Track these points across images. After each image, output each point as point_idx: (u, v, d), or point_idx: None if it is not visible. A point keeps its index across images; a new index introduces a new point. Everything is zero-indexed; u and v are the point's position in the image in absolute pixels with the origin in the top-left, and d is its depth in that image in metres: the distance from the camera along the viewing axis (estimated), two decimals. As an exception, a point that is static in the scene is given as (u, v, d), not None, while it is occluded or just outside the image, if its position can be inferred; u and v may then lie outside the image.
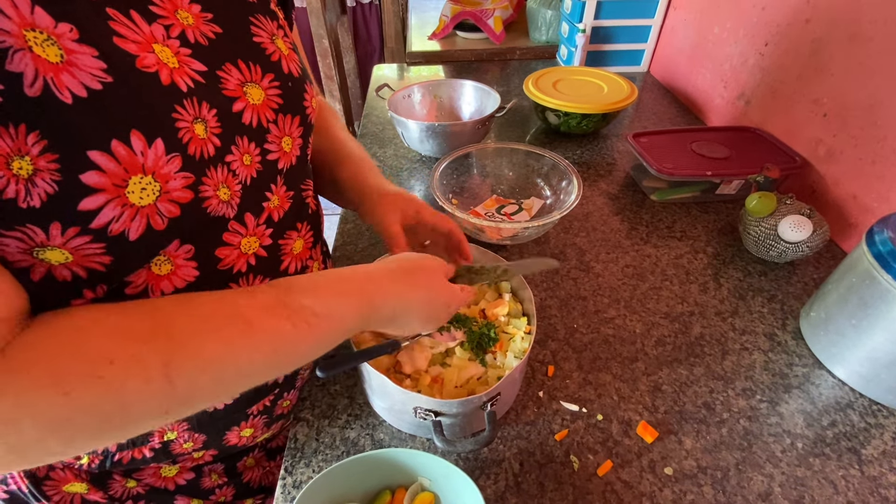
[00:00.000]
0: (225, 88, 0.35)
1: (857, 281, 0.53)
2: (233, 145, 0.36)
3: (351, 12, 2.21)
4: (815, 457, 0.49)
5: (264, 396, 0.50)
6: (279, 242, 0.44)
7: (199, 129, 0.32)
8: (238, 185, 0.37)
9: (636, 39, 1.26)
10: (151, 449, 0.47)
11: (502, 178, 0.85)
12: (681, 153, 0.83)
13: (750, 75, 0.94)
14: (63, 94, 0.25)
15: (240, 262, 0.40)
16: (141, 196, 0.29)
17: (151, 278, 0.34)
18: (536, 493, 0.47)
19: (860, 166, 0.71)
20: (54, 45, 0.25)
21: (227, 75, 0.36)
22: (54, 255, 0.28)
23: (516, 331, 0.53)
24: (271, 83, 0.40)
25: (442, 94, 1.02)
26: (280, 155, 0.42)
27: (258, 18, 0.40)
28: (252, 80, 0.38)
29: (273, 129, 0.40)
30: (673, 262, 0.72)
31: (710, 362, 0.58)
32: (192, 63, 0.33)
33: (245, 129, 0.37)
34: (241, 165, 0.37)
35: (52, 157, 0.25)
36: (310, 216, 0.49)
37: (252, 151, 0.38)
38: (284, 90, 0.41)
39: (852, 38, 0.71)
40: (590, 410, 0.53)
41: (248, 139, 0.38)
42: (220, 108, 0.34)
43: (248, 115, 0.37)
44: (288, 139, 0.42)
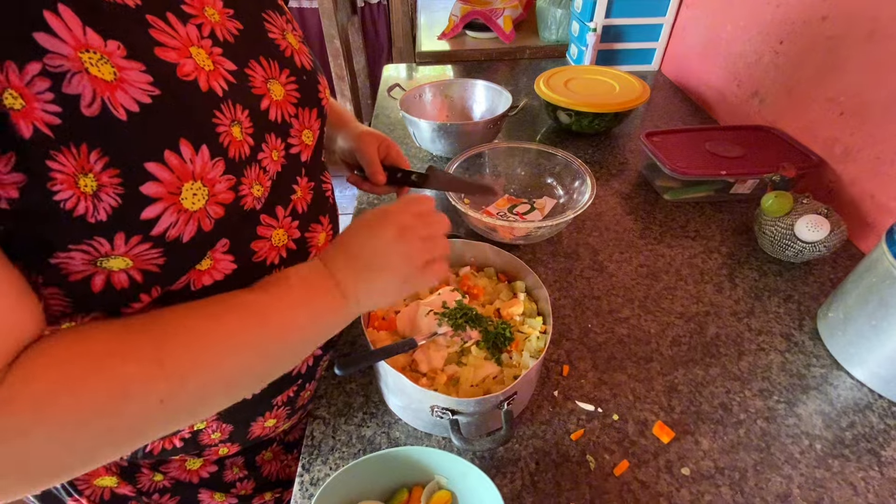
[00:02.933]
0: (253, 87, 0.36)
1: (877, 281, 0.52)
2: (263, 143, 0.37)
3: (360, 12, 2.22)
4: (834, 458, 0.49)
5: (288, 387, 0.50)
6: (306, 236, 0.45)
7: (236, 131, 0.33)
8: (269, 181, 0.38)
9: (647, 38, 1.26)
10: (181, 439, 0.47)
11: (514, 178, 0.85)
12: (694, 152, 0.83)
13: (764, 73, 0.93)
14: (118, 111, 0.26)
15: (272, 254, 0.41)
16: (193, 201, 0.30)
17: (194, 274, 0.35)
18: (553, 492, 0.47)
19: (878, 165, 0.70)
20: (107, 63, 0.26)
21: (253, 73, 0.36)
22: (116, 263, 0.29)
23: (532, 330, 0.53)
24: (288, 78, 0.40)
25: (453, 93, 1.02)
26: (301, 148, 0.43)
27: (269, 14, 0.40)
28: (273, 77, 0.38)
29: (295, 123, 0.41)
30: (687, 262, 0.72)
31: (727, 362, 0.58)
32: (224, 63, 0.34)
33: (272, 125, 0.38)
34: (271, 161, 0.38)
35: (113, 171, 0.26)
36: (329, 209, 0.50)
37: (279, 147, 0.39)
38: (301, 84, 0.41)
39: (870, 36, 0.70)
40: (605, 410, 0.53)
41: (276, 135, 0.39)
42: (251, 108, 0.35)
43: (273, 112, 0.38)
44: (308, 132, 0.43)
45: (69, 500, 0.48)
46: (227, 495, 0.56)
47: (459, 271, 0.61)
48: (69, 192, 0.25)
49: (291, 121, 0.40)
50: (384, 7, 2.21)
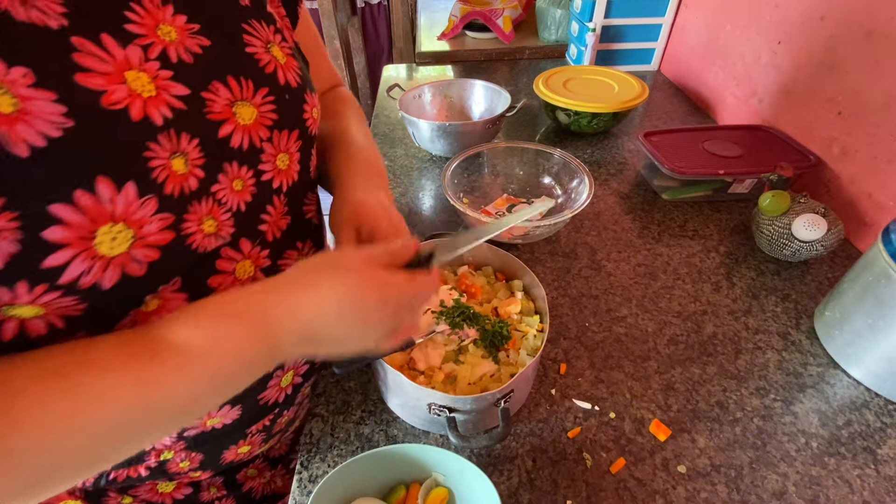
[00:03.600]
0: (210, 112, 0.32)
1: (873, 280, 0.52)
2: (220, 174, 0.33)
3: (360, 12, 2.22)
4: (830, 456, 0.49)
5: (264, 416, 0.48)
6: (278, 263, 0.42)
7: (178, 164, 0.30)
8: (227, 214, 0.34)
9: (647, 38, 1.26)
10: (147, 468, 0.45)
11: (513, 178, 0.86)
12: (693, 152, 0.83)
13: (763, 73, 0.93)
14: (18, 147, 0.23)
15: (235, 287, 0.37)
16: (111, 246, 0.27)
17: (140, 315, 0.32)
18: (550, 489, 0.47)
19: (875, 165, 0.70)
20: (6, 93, 0.23)
21: (213, 96, 0.33)
22: (25, 311, 0.26)
23: (529, 329, 0.54)
24: (265, 98, 0.36)
25: (452, 93, 1.03)
26: (275, 174, 0.39)
27: (252, 25, 0.36)
28: (243, 98, 0.35)
29: (268, 147, 0.37)
30: (685, 261, 0.72)
31: (724, 361, 0.58)
32: (172, 87, 0.30)
33: (234, 153, 0.34)
34: (231, 192, 0.34)
35: (11, 215, 0.23)
36: (312, 232, 0.47)
37: (244, 175, 0.35)
38: (280, 104, 0.37)
39: (868, 36, 0.70)
40: (602, 408, 0.53)
41: (239, 163, 0.35)
42: (203, 137, 0.32)
43: (237, 138, 0.34)
44: (284, 156, 0.39)
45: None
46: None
47: (457, 270, 0.61)
48: None
49: (263, 145, 0.37)
50: (384, 7, 2.21)
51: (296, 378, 0.49)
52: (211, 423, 0.44)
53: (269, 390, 0.46)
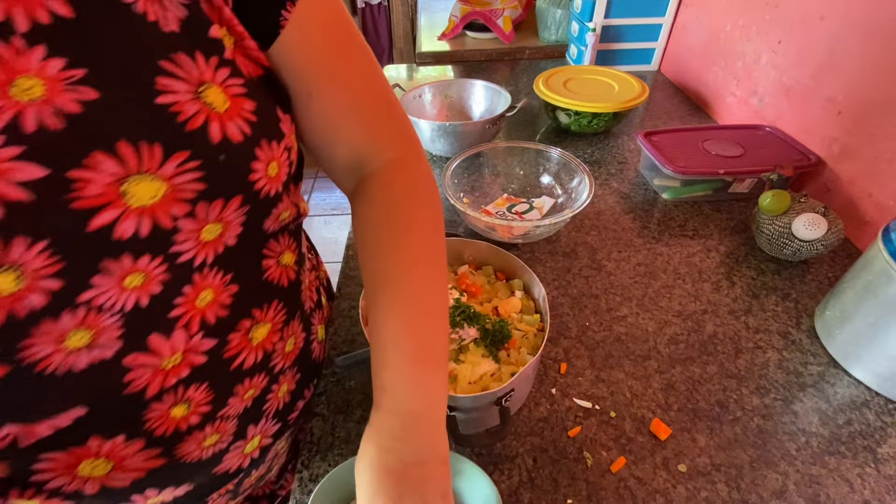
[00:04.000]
0: (80, 198, 0.24)
1: (873, 279, 0.52)
2: (93, 276, 0.26)
3: (360, 13, 2.23)
4: (830, 455, 0.49)
5: (226, 483, 0.43)
6: (227, 338, 0.36)
7: (3, 282, 0.23)
8: (113, 318, 0.28)
9: (647, 38, 1.26)
10: None
11: (513, 177, 0.86)
12: (693, 152, 0.83)
13: (763, 73, 0.93)
14: None
15: (155, 381, 0.32)
16: None
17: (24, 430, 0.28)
18: (550, 488, 0.47)
19: (876, 164, 0.70)
20: None
21: (89, 174, 0.24)
22: None
23: (529, 328, 0.54)
24: (182, 166, 0.27)
25: (452, 93, 1.03)
26: (198, 249, 0.30)
27: (176, 61, 0.26)
28: (142, 171, 0.26)
29: (187, 224, 0.29)
30: (685, 261, 0.72)
31: (724, 360, 0.58)
32: (17, 171, 0.22)
33: (121, 245, 0.26)
34: (118, 292, 0.27)
35: None
36: (284, 290, 0.40)
37: (144, 268, 0.28)
38: (211, 170, 0.28)
39: (868, 36, 0.70)
40: (603, 407, 0.53)
41: (134, 256, 0.27)
42: (60, 233, 0.24)
43: (126, 227, 0.26)
44: (214, 226, 0.30)
45: None
46: None
47: (458, 269, 0.61)
48: None
49: (179, 223, 0.28)
50: (385, 8, 2.22)
51: (264, 440, 0.45)
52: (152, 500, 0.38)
53: (227, 462, 0.41)
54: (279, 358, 0.43)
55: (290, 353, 0.45)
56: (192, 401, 0.36)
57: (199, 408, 0.37)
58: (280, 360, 0.44)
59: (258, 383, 0.42)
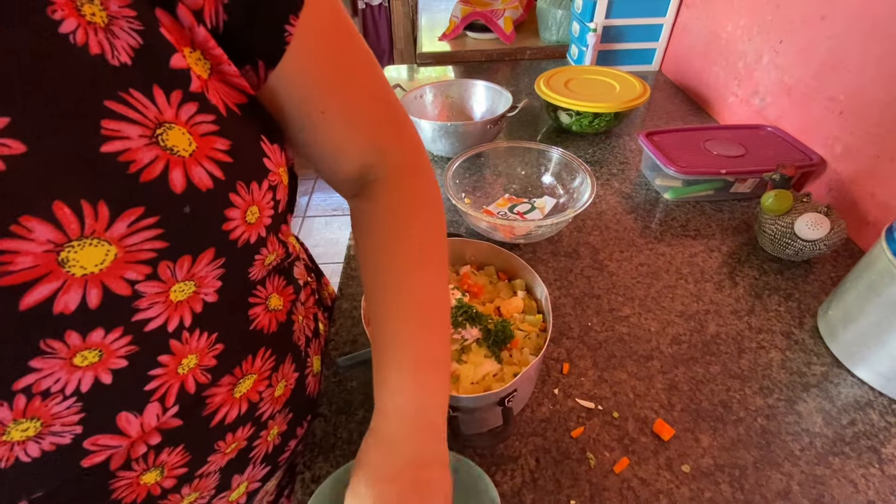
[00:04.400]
0: (8, 272, 0.20)
1: (876, 279, 0.52)
2: (31, 359, 0.23)
3: (361, 14, 2.23)
4: (834, 455, 0.49)
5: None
6: (203, 395, 0.33)
7: None
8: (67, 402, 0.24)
9: (648, 38, 1.26)
10: None
11: (515, 177, 0.86)
12: (694, 152, 0.83)
13: (764, 73, 0.93)
14: None
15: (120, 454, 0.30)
16: None
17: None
18: (553, 489, 0.47)
19: (878, 164, 0.70)
20: None
21: (17, 244, 0.20)
22: None
23: (531, 328, 0.54)
24: (138, 223, 0.23)
25: (453, 94, 1.03)
26: (170, 313, 0.27)
27: (126, 100, 0.22)
28: (85, 235, 0.22)
29: (147, 287, 0.25)
30: (687, 261, 0.72)
31: (727, 361, 0.58)
32: None
33: (65, 321, 0.23)
34: (69, 372, 0.24)
35: None
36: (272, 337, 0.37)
37: (100, 343, 0.25)
38: (173, 225, 0.24)
39: (869, 35, 0.70)
40: (605, 408, 0.53)
41: (82, 332, 0.24)
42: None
43: (67, 300, 0.22)
44: (186, 285, 0.27)
45: None
46: None
47: (460, 270, 0.61)
48: None
49: (139, 288, 0.25)
50: (385, 9, 2.22)
51: (251, 485, 0.42)
52: None
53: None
54: (267, 405, 0.40)
55: (281, 397, 0.42)
56: (166, 464, 0.33)
57: (173, 471, 0.33)
58: (268, 406, 0.40)
59: (243, 435, 0.38)
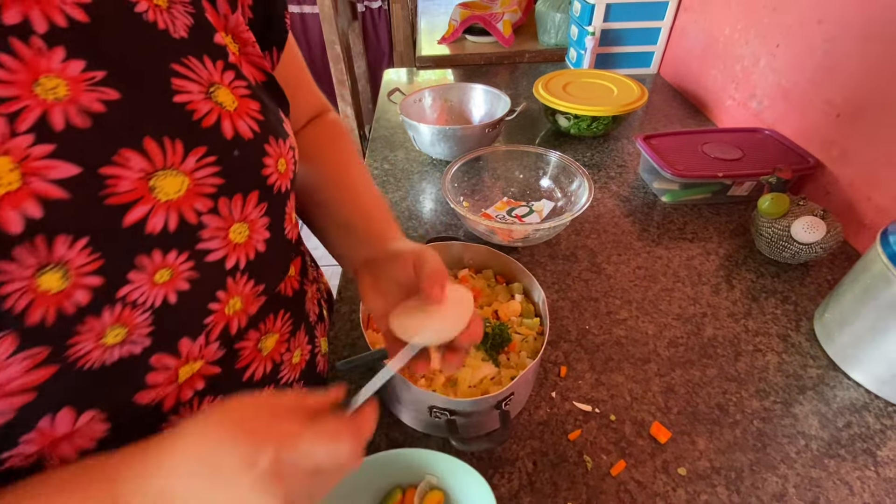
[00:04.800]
0: (113, 193, 0.25)
1: (871, 282, 0.53)
2: (132, 271, 0.26)
3: (361, 17, 2.23)
4: (830, 458, 0.49)
5: None
6: (234, 348, 0.36)
7: (51, 280, 0.23)
8: (145, 315, 0.28)
9: (646, 41, 1.26)
10: None
11: (513, 181, 0.86)
12: (692, 155, 0.83)
13: (761, 76, 0.94)
14: None
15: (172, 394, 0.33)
16: None
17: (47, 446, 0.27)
18: (550, 492, 0.47)
19: (874, 168, 0.70)
20: None
21: (119, 170, 0.25)
22: None
23: (529, 331, 0.54)
24: (202, 161, 0.28)
25: (452, 97, 1.03)
26: (228, 251, 0.31)
27: (187, 64, 0.28)
28: (167, 166, 0.27)
29: (211, 220, 0.30)
30: (685, 264, 0.72)
31: (723, 363, 0.58)
32: (51, 169, 0.23)
33: (153, 240, 0.27)
34: (151, 287, 0.28)
35: None
36: (289, 300, 0.41)
37: (172, 263, 0.28)
38: (227, 164, 0.30)
39: (865, 39, 0.70)
40: (602, 411, 0.54)
41: (163, 251, 0.28)
42: (99, 231, 0.25)
43: (156, 221, 0.27)
44: (241, 226, 0.32)
45: None
46: None
47: (458, 273, 0.62)
48: None
49: (203, 219, 0.29)
50: (385, 12, 2.23)
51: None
52: None
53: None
54: (287, 370, 0.44)
55: (297, 365, 0.46)
56: None
57: None
58: (288, 371, 0.44)
59: None
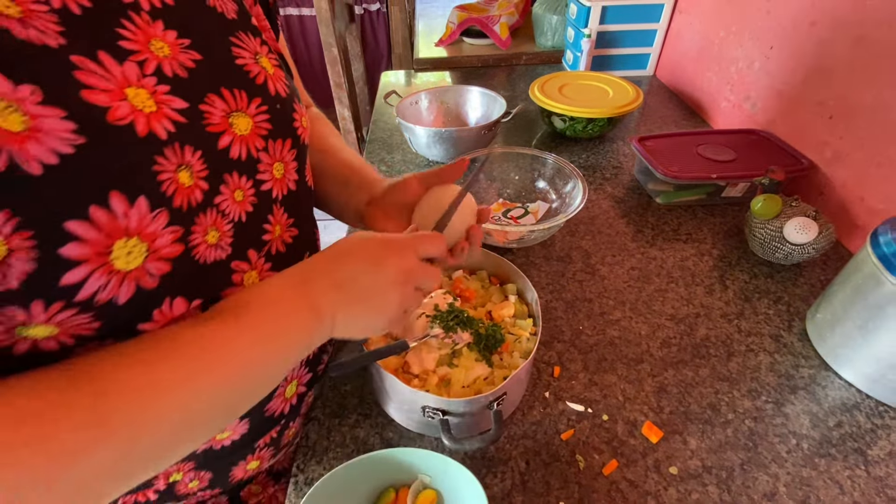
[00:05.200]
0: (209, 124, 0.33)
1: (862, 282, 0.53)
2: (222, 184, 0.34)
3: (359, 19, 2.24)
4: (820, 457, 0.50)
5: (271, 428, 0.48)
6: (279, 267, 0.41)
7: (184, 176, 0.30)
8: (229, 225, 0.35)
9: (642, 43, 1.27)
10: (156, 491, 0.45)
11: (508, 182, 0.86)
12: (686, 156, 0.84)
13: (756, 78, 0.94)
14: (30, 166, 0.23)
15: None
16: (127, 260, 0.27)
17: (149, 327, 0.31)
18: (542, 491, 0.47)
19: (867, 168, 0.71)
20: (16, 111, 0.23)
21: (210, 108, 0.33)
22: (39, 331, 0.26)
23: (522, 332, 0.54)
24: (259, 108, 0.37)
25: (448, 100, 1.04)
26: (274, 183, 0.39)
27: (240, 37, 0.37)
28: (238, 109, 0.35)
29: (264, 157, 0.38)
30: (678, 265, 0.73)
31: (716, 363, 0.59)
32: (171, 101, 0.30)
33: (234, 164, 0.35)
34: (233, 203, 0.35)
35: (26, 234, 0.23)
36: (313, 245, 0.48)
37: (243, 186, 0.36)
38: (273, 113, 0.38)
39: (858, 41, 0.71)
40: (595, 411, 0.54)
41: (239, 173, 0.35)
42: (204, 148, 0.32)
43: (235, 149, 0.35)
44: (280, 165, 0.40)
45: None
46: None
47: (452, 274, 0.62)
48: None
49: (259, 155, 0.37)
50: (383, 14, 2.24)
51: (300, 388, 0.50)
52: (220, 437, 0.44)
53: (275, 401, 0.47)
54: None
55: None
56: None
57: None
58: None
59: None
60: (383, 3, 2.25)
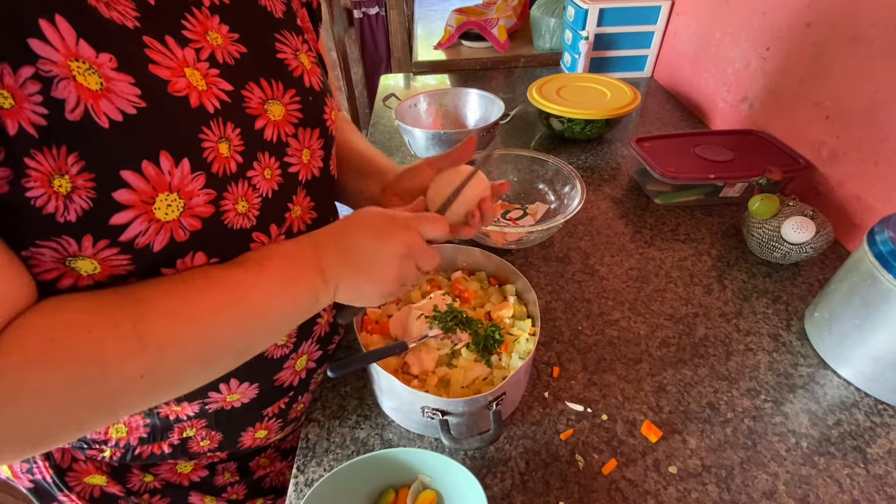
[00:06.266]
0: (248, 107, 0.37)
1: (859, 281, 0.53)
2: (254, 161, 0.37)
3: (358, 23, 2.25)
4: (819, 456, 0.50)
5: (279, 398, 0.51)
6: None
7: (223, 147, 0.34)
8: (258, 199, 0.38)
9: (639, 45, 1.28)
10: (170, 445, 0.48)
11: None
12: (684, 157, 0.84)
13: (752, 79, 0.95)
14: (101, 119, 0.27)
15: None
16: (166, 212, 0.31)
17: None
18: (542, 491, 0.48)
19: (863, 168, 0.71)
20: (95, 73, 0.27)
21: (249, 94, 0.37)
22: (84, 265, 0.30)
23: (521, 332, 0.54)
24: (292, 98, 0.41)
25: (447, 102, 1.04)
26: (300, 167, 0.43)
27: (283, 35, 0.41)
28: (273, 98, 0.39)
29: (293, 142, 0.41)
30: (677, 265, 0.73)
31: (715, 363, 0.59)
32: (219, 83, 0.35)
33: (266, 144, 0.39)
34: (262, 179, 0.38)
35: (88, 176, 0.28)
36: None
37: (272, 165, 0.39)
38: (305, 104, 0.42)
39: (853, 41, 0.71)
40: (595, 410, 0.54)
41: (269, 154, 0.39)
42: (243, 127, 0.36)
43: (268, 132, 0.39)
44: (307, 151, 0.43)
45: (60, 495, 0.49)
46: (218, 499, 0.57)
47: (451, 275, 0.62)
48: (41, 190, 0.27)
49: (289, 140, 0.41)
50: (382, 18, 2.25)
51: (310, 363, 0.52)
52: (231, 398, 0.47)
53: (285, 371, 0.49)
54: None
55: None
56: None
57: None
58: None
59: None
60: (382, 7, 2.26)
